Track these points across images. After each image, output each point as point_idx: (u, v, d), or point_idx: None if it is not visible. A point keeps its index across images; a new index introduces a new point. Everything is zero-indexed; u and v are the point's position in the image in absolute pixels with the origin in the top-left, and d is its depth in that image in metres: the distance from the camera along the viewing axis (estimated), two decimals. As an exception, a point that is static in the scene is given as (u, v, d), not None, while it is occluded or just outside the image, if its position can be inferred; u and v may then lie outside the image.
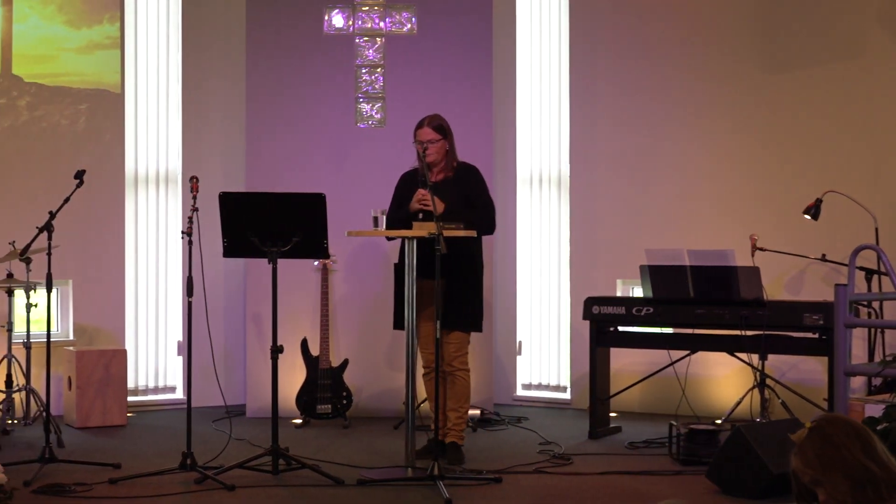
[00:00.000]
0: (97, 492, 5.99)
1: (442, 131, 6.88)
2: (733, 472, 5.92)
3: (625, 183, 9.03)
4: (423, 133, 6.84)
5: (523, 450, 7.26)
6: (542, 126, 9.37)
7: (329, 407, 8.20)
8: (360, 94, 8.82)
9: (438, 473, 5.99)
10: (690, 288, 7.35)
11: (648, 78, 8.98)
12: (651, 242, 8.15)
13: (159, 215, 9.14)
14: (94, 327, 8.89)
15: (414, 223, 6.46)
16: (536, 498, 5.97)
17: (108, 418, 8.18)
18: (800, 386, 8.03)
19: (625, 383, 8.22)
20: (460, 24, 8.85)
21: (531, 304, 9.37)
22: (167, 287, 9.15)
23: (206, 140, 9.19)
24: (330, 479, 6.22)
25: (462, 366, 6.84)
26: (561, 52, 9.31)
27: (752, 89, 8.66)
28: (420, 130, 6.86)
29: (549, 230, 9.35)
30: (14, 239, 7.66)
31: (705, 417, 7.72)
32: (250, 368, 8.71)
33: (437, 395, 6.61)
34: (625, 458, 7.04)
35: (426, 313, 6.75)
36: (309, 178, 8.33)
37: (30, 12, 8.74)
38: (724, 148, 8.75)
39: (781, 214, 8.39)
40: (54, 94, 8.83)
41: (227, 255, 6.52)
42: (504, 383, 9.30)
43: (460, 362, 6.81)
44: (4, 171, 8.65)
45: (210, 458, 6.62)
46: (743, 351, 7.36)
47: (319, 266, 8.35)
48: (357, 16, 8.82)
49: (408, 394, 6.50)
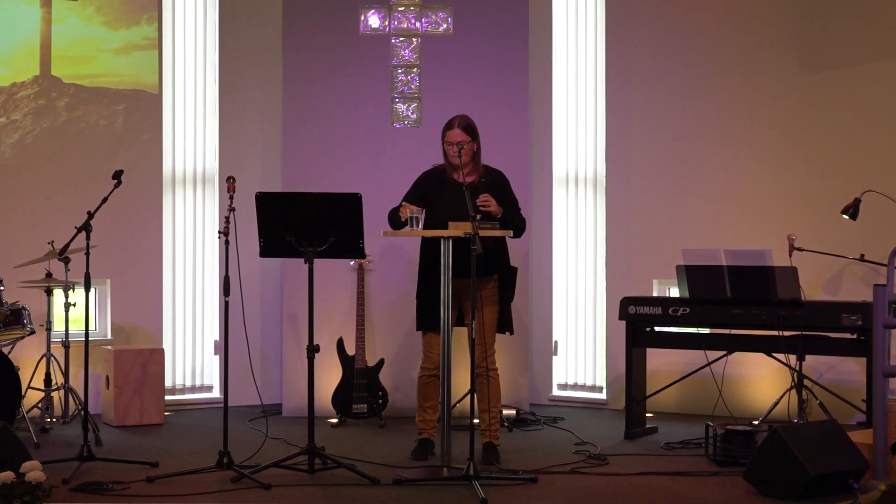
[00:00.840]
0: (135, 490, 6.02)
1: (471, 132, 6.86)
2: (771, 473, 5.88)
3: (661, 182, 8.99)
4: (454, 134, 6.81)
5: (559, 450, 7.25)
6: (578, 126, 9.35)
7: (365, 406, 8.22)
8: (395, 95, 8.83)
9: (474, 473, 5.99)
10: (727, 288, 7.31)
11: (685, 77, 8.94)
12: (687, 242, 8.12)
13: (196, 215, 9.18)
14: (132, 326, 8.94)
15: (450, 223, 6.45)
16: (572, 498, 5.95)
17: (145, 417, 8.23)
18: (838, 387, 7.97)
19: (661, 384, 8.19)
20: (496, 24, 8.85)
21: (567, 304, 9.35)
22: (204, 286, 9.19)
23: (243, 140, 9.23)
24: (366, 478, 6.23)
25: (493, 366, 6.85)
26: (597, 52, 9.28)
27: (790, 88, 8.61)
28: (451, 132, 6.83)
29: (584, 230, 9.33)
30: (53, 239, 7.72)
31: (742, 418, 7.69)
32: (286, 368, 8.73)
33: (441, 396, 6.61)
34: (661, 458, 7.01)
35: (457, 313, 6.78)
36: (345, 178, 8.35)
37: (68, 14, 8.80)
38: (761, 147, 8.70)
39: (819, 214, 8.34)
40: (93, 95, 8.89)
41: (264, 255, 6.53)
42: (540, 383, 9.29)
43: (492, 362, 6.81)
44: (44, 171, 8.71)
45: (246, 457, 6.64)
46: (780, 351, 7.32)
47: (355, 266, 8.36)
48: (393, 16, 8.83)
49: (443, 393, 6.51)
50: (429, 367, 6.94)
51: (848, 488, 5.83)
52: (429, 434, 7.01)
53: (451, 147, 6.80)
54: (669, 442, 7.44)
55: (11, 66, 8.66)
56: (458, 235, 6.35)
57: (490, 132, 8.66)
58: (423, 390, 6.99)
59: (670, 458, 7.00)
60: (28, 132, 8.71)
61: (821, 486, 5.77)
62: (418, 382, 7.02)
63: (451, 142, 6.80)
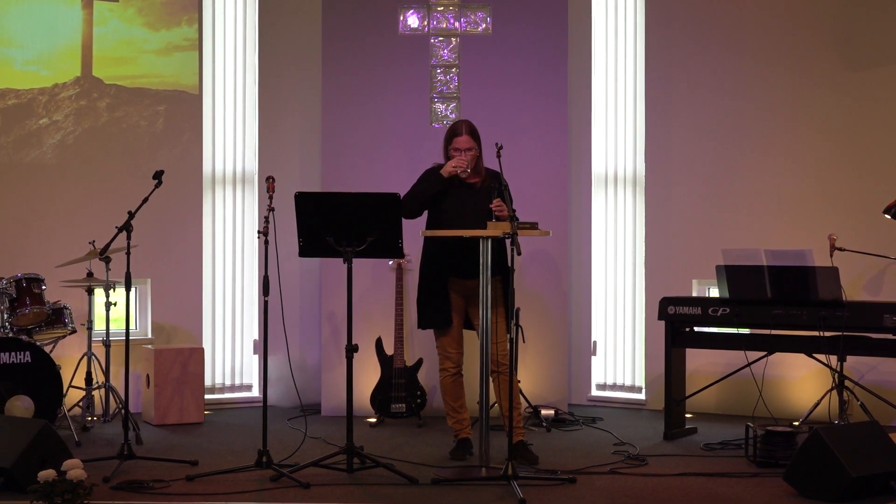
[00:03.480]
0: (175, 488, 6.06)
1: (477, 137, 6.91)
2: (811, 474, 5.84)
3: (700, 182, 8.95)
4: (462, 141, 6.86)
5: (598, 450, 7.23)
6: (618, 126, 9.32)
7: (403, 406, 8.22)
8: (434, 94, 8.84)
9: (513, 473, 5.98)
10: (768, 288, 7.27)
11: (725, 76, 8.89)
12: (727, 242, 8.08)
13: (236, 215, 9.23)
14: (172, 326, 8.99)
15: (489, 223, 6.46)
16: (611, 499, 5.93)
17: (185, 416, 8.27)
18: (879, 388, 7.92)
19: (701, 384, 8.15)
20: (535, 24, 8.83)
21: (606, 304, 9.32)
22: (244, 286, 9.23)
23: (283, 140, 9.26)
24: (404, 477, 6.24)
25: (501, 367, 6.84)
26: (637, 51, 9.25)
27: (832, 87, 8.55)
28: (459, 139, 6.86)
29: (624, 230, 9.30)
30: (94, 238, 7.77)
31: (782, 419, 7.64)
32: (325, 367, 8.75)
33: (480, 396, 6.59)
34: (701, 459, 6.98)
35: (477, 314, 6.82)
36: (384, 177, 8.36)
37: (110, 15, 8.87)
38: (802, 146, 8.65)
39: (861, 214, 8.28)
40: (133, 96, 8.94)
41: (303, 255, 6.55)
42: (579, 383, 9.27)
43: (506, 359, 6.78)
44: (85, 171, 8.78)
45: (285, 456, 6.67)
46: (821, 352, 7.27)
47: (394, 265, 8.37)
48: (432, 16, 8.83)
49: (482, 393, 6.51)
50: (450, 367, 6.95)
51: (890, 490, 5.80)
52: (466, 433, 7.01)
53: (457, 153, 6.82)
54: (709, 443, 7.40)
55: (53, 67, 8.73)
56: (497, 235, 6.37)
57: (529, 132, 8.70)
58: (450, 391, 7.00)
59: (710, 459, 6.97)
60: (69, 133, 8.78)
61: (862, 488, 5.73)
62: (442, 384, 7.03)
63: (459, 148, 6.83)
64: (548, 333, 8.73)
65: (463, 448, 6.96)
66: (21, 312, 7.63)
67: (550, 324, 8.74)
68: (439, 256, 6.86)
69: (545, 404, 8.42)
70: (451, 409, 7.01)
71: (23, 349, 7.40)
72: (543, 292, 8.72)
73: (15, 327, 7.64)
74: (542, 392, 8.66)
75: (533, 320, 8.50)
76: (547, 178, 8.71)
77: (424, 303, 6.98)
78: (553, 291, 8.76)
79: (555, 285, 8.76)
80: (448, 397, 7.00)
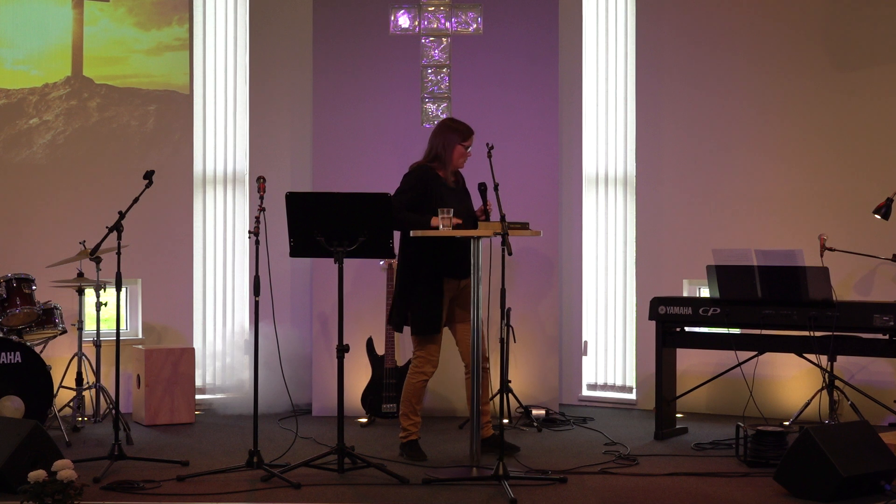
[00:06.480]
0: (165, 489, 6.05)
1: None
2: (802, 474, 5.85)
3: (691, 182, 8.96)
4: (470, 141, 6.94)
5: (588, 450, 7.24)
6: (609, 126, 9.33)
7: (394, 406, 8.22)
8: (425, 95, 8.84)
9: (503, 473, 5.99)
10: (758, 288, 7.28)
11: (715, 77, 8.90)
12: (718, 242, 8.10)
13: (227, 215, 9.22)
14: (163, 326, 8.99)
15: (480, 223, 6.46)
16: (602, 499, 5.94)
17: (176, 416, 8.27)
18: (869, 388, 7.93)
19: (691, 384, 8.16)
20: (526, 24, 8.84)
21: (597, 304, 9.33)
22: (234, 286, 9.22)
23: (274, 140, 9.25)
24: (395, 477, 6.24)
25: (487, 363, 6.87)
26: (627, 51, 9.26)
27: (821, 87, 8.57)
28: (471, 139, 6.95)
29: (615, 230, 9.31)
30: (84, 238, 7.77)
31: (773, 419, 7.66)
32: (316, 367, 8.75)
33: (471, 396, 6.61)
34: (691, 459, 6.99)
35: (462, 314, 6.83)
36: (375, 178, 8.36)
37: (100, 15, 8.86)
38: (793, 146, 8.66)
39: (851, 214, 8.30)
40: (124, 96, 8.94)
41: (294, 255, 6.55)
42: (569, 383, 9.28)
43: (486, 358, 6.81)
44: (75, 171, 8.77)
45: (276, 457, 6.66)
46: (811, 352, 7.27)
47: (385, 266, 8.37)
48: (423, 16, 8.84)
49: (472, 393, 6.51)
50: (429, 372, 6.93)
51: (879, 490, 5.81)
52: (417, 435, 7.01)
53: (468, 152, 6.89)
54: (700, 442, 7.42)
55: (43, 66, 8.72)
56: (487, 235, 6.37)
57: (520, 132, 8.71)
58: (418, 393, 6.96)
59: (700, 459, 6.98)
60: (60, 133, 8.77)
61: (852, 488, 5.74)
62: (413, 386, 6.96)
63: (469, 146, 6.88)
64: (539, 333, 8.73)
65: (419, 448, 6.94)
66: (11, 313, 7.62)
67: (541, 324, 8.75)
68: (431, 257, 6.82)
69: (536, 404, 8.44)
70: (412, 411, 6.96)
71: (13, 349, 7.39)
72: (534, 292, 8.72)
73: (5, 327, 7.64)
74: (533, 392, 8.67)
75: (524, 320, 8.52)
76: (538, 178, 8.72)
77: (416, 306, 6.90)
78: (544, 291, 8.76)
79: (546, 285, 8.77)
80: (413, 399, 6.96)
